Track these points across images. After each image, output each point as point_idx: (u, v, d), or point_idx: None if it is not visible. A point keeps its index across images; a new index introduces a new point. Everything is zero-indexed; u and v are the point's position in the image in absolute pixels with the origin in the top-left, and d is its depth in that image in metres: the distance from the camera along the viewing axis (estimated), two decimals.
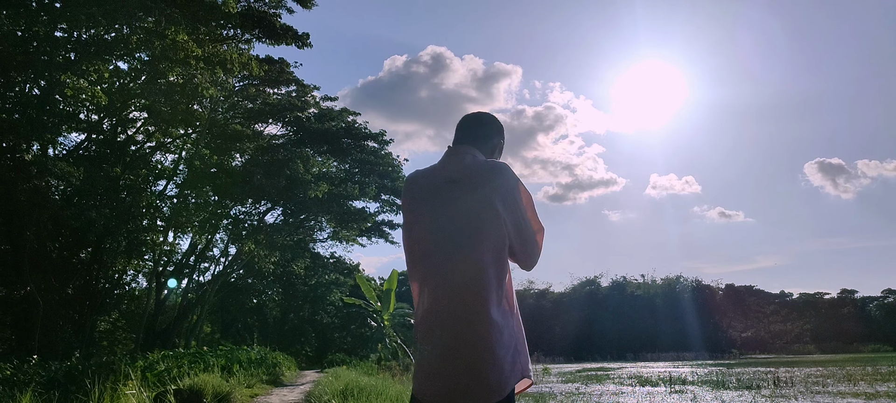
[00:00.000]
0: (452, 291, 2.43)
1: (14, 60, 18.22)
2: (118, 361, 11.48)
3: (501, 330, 2.41)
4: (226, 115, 28.83)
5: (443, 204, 2.53)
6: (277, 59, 28.97)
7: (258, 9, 21.68)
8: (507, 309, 2.49)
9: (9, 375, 11.69)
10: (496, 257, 2.45)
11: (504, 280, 2.48)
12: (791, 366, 32.17)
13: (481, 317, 2.38)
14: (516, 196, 2.53)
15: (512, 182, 2.53)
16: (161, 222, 26.91)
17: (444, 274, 2.46)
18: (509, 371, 2.41)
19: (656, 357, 61.56)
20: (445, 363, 2.40)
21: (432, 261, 2.50)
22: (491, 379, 2.36)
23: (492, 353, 2.37)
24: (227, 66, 20.28)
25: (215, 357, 15.21)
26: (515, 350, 2.46)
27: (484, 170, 2.53)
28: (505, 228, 2.48)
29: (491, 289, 2.41)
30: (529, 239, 2.58)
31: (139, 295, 32.24)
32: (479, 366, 2.36)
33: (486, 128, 2.79)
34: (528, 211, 2.59)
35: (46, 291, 20.13)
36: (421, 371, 2.47)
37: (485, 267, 2.42)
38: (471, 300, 2.40)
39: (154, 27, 18.31)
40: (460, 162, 2.60)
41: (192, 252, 32.80)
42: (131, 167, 24.51)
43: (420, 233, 2.56)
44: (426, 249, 2.53)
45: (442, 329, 2.42)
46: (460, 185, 2.52)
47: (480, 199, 2.47)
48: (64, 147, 24.08)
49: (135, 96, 23.22)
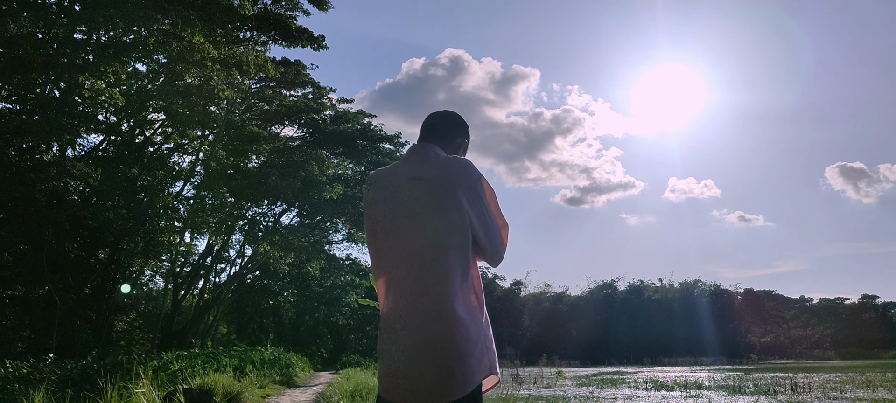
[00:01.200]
0: (417, 288, 2.41)
1: (34, 62, 18.44)
2: (131, 360, 11.57)
3: (467, 326, 2.39)
4: (242, 117, 29.01)
5: (406, 201, 2.51)
6: (294, 61, 29.08)
7: (274, 11, 21.79)
8: (475, 305, 2.47)
9: (25, 373, 11.85)
10: (461, 253, 2.43)
11: (469, 275, 2.46)
12: (810, 372, 31.81)
13: (447, 314, 2.36)
14: (480, 191, 2.51)
15: (475, 176, 2.52)
16: (178, 223, 27.12)
17: (408, 272, 2.44)
18: (476, 366, 2.39)
19: (673, 361, 61.13)
20: (411, 361, 2.37)
21: (397, 260, 2.48)
22: (457, 375, 2.34)
23: (458, 349, 2.35)
24: (244, 68, 20.38)
25: (228, 358, 15.29)
26: (483, 346, 2.44)
27: (446, 166, 2.53)
28: (469, 223, 2.46)
29: (456, 285, 2.40)
30: (495, 234, 2.57)
31: (156, 295, 32.49)
32: (445, 362, 2.34)
33: (450, 127, 2.79)
34: (492, 206, 2.58)
35: (64, 291, 20.36)
36: (386, 370, 2.44)
37: (450, 263, 2.40)
38: (436, 296, 2.38)
39: (171, 29, 18.45)
40: (423, 159, 2.59)
41: (208, 253, 33.00)
42: (149, 168, 24.72)
43: (383, 232, 2.54)
44: (390, 247, 2.51)
45: (408, 327, 2.40)
46: (422, 182, 2.51)
47: (443, 195, 2.46)
48: (82, 148, 24.34)
49: (152, 98, 23.43)
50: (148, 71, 23.32)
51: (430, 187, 2.49)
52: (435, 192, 2.48)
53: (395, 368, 2.41)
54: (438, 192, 2.47)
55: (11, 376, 11.46)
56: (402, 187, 2.55)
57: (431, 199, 2.47)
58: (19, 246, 21.32)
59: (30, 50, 17.94)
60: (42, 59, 18.39)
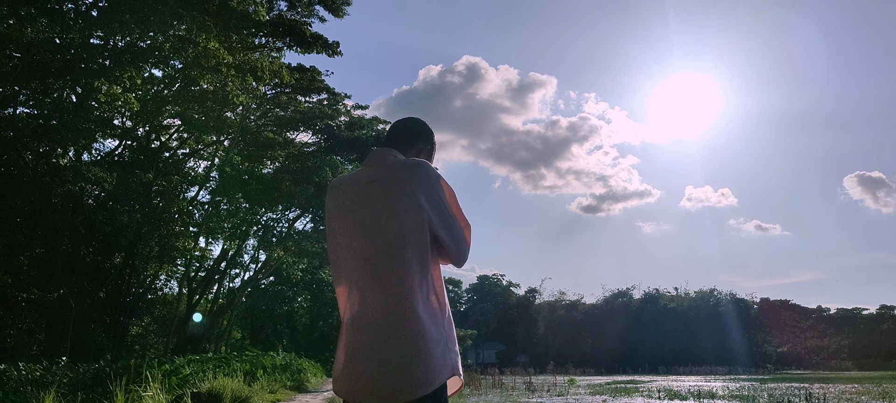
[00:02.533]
0: (376, 289, 2.43)
1: (52, 67, 18.63)
2: (142, 364, 11.61)
3: (427, 325, 2.40)
4: (257, 123, 29.15)
5: (364, 205, 2.54)
6: (309, 68, 29.20)
7: (289, 18, 21.90)
8: (435, 305, 2.48)
9: (38, 376, 11.91)
10: (419, 253, 2.45)
11: (429, 275, 2.48)
12: (826, 382, 31.42)
13: (406, 314, 2.38)
14: (438, 190, 2.52)
15: (432, 176, 2.53)
16: (192, 228, 27.25)
17: (367, 273, 2.46)
18: (439, 365, 2.39)
19: (689, 370, 60.63)
20: (370, 361, 2.38)
21: (355, 263, 2.50)
22: (416, 374, 2.34)
23: (417, 348, 2.36)
24: (258, 74, 20.49)
25: (240, 363, 15.32)
26: (444, 346, 2.45)
27: (403, 168, 2.54)
28: (429, 224, 2.47)
29: (415, 285, 2.41)
30: (458, 234, 2.57)
31: (170, 300, 32.66)
32: (405, 361, 2.35)
33: (411, 134, 2.82)
34: (453, 206, 2.59)
35: (79, 294, 20.48)
36: (345, 371, 2.45)
37: (409, 264, 2.42)
38: (395, 297, 2.40)
39: (186, 35, 18.57)
40: (381, 162, 2.61)
41: (223, 258, 33.15)
42: (164, 173, 24.87)
43: (343, 237, 2.56)
44: (350, 252, 2.53)
45: (367, 328, 2.42)
46: (380, 184, 2.53)
47: (400, 196, 2.48)
48: (98, 153, 24.53)
49: (168, 103, 23.58)
50: (164, 76, 23.49)
51: (386, 189, 2.50)
52: (392, 193, 2.49)
53: (353, 369, 2.42)
54: (395, 193, 2.48)
55: (24, 378, 11.53)
56: (360, 191, 2.57)
57: (388, 201, 2.49)
58: (35, 249, 21.50)
59: (47, 55, 18.12)
60: (59, 64, 18.59)
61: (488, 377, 29.25)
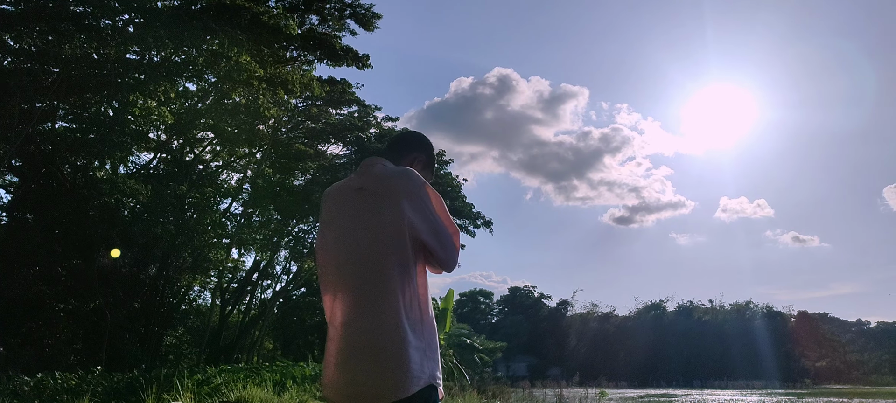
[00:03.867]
0: (358, 295, 2.49)
1: (90, 82, 19.08)
2: (173, 374, 11.76)
3: (407, 332, 2.45)
4: (289, 135, 29.45)
5: (351, 212, 2.60)
6: (339, 80, 29.44)
7: (320, 31, 22.13)
8: (418, 314, 2.52)
9: (73, 385, 12.15)
10: (401, 259, 2.50)
11: (412, 282, 2.52)
12: (865, 397, 30.66)
13: (387, 322, 2.44)
14: (423, 196, 2.57)
15: (417, 183, 2.58)
16: (225, 239, 27.58)
17: (350, 279, 2.53)
18: (417, 371, 2.44)
19: (724, 384, 59.66)
20: (349, 365, 2.46)
21: (339, 270, 2.57)
22: (395, 377, 2.40)
23: (396, 352, 2.42)
24: (289, 87, 20.76)
25: (270, 373, 15.45)
26: (423, 354, 2.49)
27: (389, 176, 2.60)
28: (412, 231, 2.52)
29: (397, 293, 2.46)
30: (445, 239, 2.60)
31: (204, 310, 33.04)
32: (385, 367, 2.41)
33: (405, 144, 2.89)
34: (440, 212, 2.62)
35: (114, 305, 20.83)
36: (328, 374, 2.54)
37: (390, 270, 2.48)
38: (376, 303, 2.46)
39: (219, 49, 18.88)
40: (370, 171, 2.67)
41: (255, 269, 33.47)
42: (197, 185, 25.22)
43: (330, 244, 2.63)
44: (336, 259, 2.59)
45: (348, 333, 2.49)
46: (367, 192, 2.59)
47: (384, 204, 2.53)
48: (134, 165, 24.98)
49: (202, 116, 23.96)
50: (198, 90, 23.89)
51: (371, 198, 2.57)
52: (376, 201, 2.55)
53: (337, 376, 2.50)
54: (380, 201, 2.54)
55: (61, 387, 11.77)
56: (347, 199, 2.64)
57: (372, 208, 2.55)
58: (72, 260, 21.92)
59: (85, 70, 18.56)
60: (97, 79, 19.02)
61: (519, 389, 29.07)
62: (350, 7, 22.90)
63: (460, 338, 24.21)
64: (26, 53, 17.94)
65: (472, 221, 35.84)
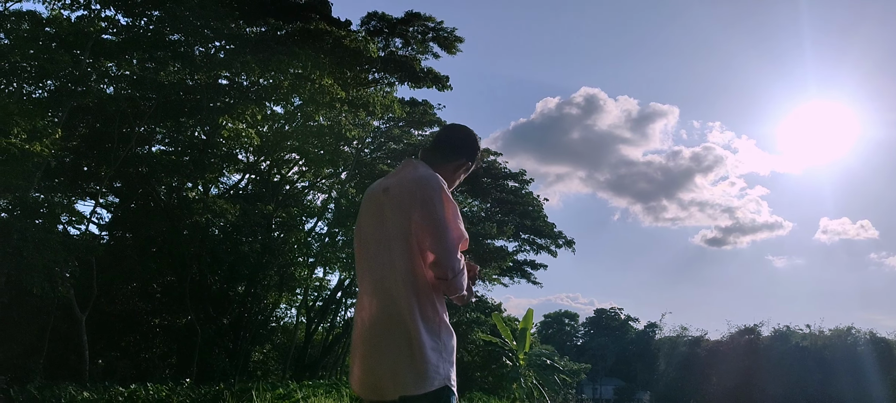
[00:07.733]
0: (376, 294, 2.60)
1: (184, 107, 20.05)
2: (257, 388, 12.10)
3: (422, 332, 2.53)
4: (372, 155, 29.99)
5: (375, 212, 2.71)
6: (421, 102, 29.84)
7: (400, 55, 22.52)
8: (432, 315, 2.59)
9: (163, 396, 12.69)
10: (412, 262, 2.58)
11: (426, 285, 2.59)
12: None
13: (403, 321, 2.53)
14: (435, 203, 2.62)
15: (431, 188, 2.63)
16: (310, 258, 28.23)
17: (371, 277, 2.65)
18: (433, 370, 2.51)
19: None
20: (366, 359, 2.61)
21: (363, 268, 2.70)
22: (412, 372, 2.50)
23: (412, 352, 2.51)
24: (371, 109, 21.19)
25: (348, 388, 15.68)
26: (439, 355, 2.56)
27: (411, 181, 2.67)
28: (419, 236, 2.59)
29: (411, 294, 2.55)
30: (446, 244, 2.61)
31: (290, 327, 33.83)
32: (400, 364, 2.51)
33: (451, 146, 2.92)
34: (451, 220, 2.64)
35: (205, 321, 21.63)
36: (352, 366, 2.72)
37: (403, 272, 2.57)
38: (393, 305, 2.56)
39: (304, 72, 19.47)
40: (402, 173, 2.75)
41: (339, 287, 34.09)
42: (284, 205, 25.98)
43: (357, 239, 2.78)
44: (361, 254, 2.73)
45: (369, 335, 2.62)
46: (388, 195, 2.69)
47: (400, 208, 2.62)
48: (224, 186, 25.97)
49: (288, 138, 24.71)
50: (286, 112, 24.67)
51: (392, 200, 2.67)
52: (395, 204, 2.65)
53: (358, 369, 2.66)
54: (398, 205, 2.64)
55: (151, 397, 12.33)
56: (373, 199, 2.75)
57: (391, 211, 2.65)
58: (166, 277, 22.93)
59: (180, 95, 19.50)
60: (191, 103, 19.96)
61: None
62: (433, 30, 23.20)
63: (541, 359, 23.90)
64: (127, 80, 18.98)
65: (554, 241, 35.51)
